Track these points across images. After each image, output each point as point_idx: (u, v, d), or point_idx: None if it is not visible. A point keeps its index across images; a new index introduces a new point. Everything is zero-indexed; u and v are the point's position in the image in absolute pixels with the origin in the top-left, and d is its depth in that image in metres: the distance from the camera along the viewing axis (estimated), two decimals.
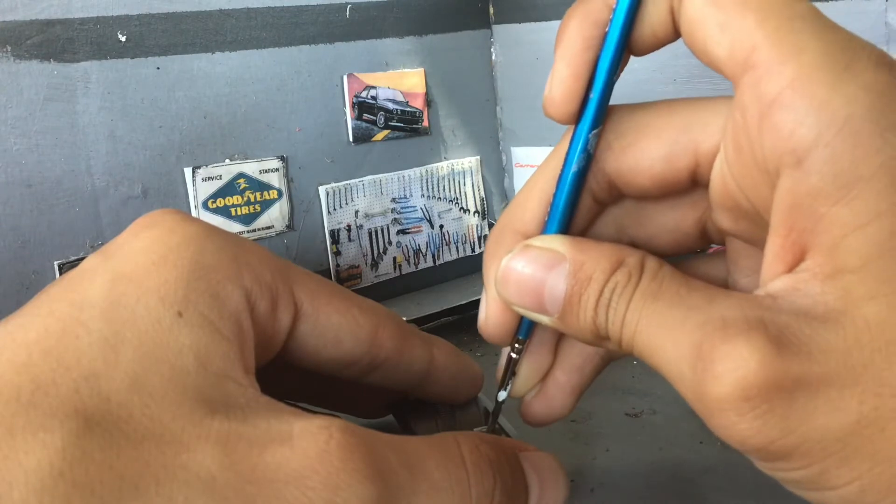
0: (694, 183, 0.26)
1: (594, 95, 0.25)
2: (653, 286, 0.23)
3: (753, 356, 0.20)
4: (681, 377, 0.21)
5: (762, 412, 0.20)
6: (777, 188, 0.21)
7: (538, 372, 0.29)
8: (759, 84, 0.21)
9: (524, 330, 0.28)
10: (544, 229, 0.27)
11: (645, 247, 0.28)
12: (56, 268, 0.42)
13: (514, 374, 0.29)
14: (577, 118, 0.26)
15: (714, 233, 0.27)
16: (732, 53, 0.22)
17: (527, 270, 0.25)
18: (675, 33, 0.24)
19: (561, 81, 0.25)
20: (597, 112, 0.25)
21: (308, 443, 0.21)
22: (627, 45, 0.25)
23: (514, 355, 0.29)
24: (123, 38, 0.43)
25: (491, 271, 0.27)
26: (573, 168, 0.26)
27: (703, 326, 0.21)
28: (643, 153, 0.26)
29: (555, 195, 0.26)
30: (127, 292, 0.22)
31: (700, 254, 0.30)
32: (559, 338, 0.29)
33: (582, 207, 0.27)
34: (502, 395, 0.30)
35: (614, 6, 0.24)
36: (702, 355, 0.20)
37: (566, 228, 0.27)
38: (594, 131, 0.26)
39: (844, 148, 0.20)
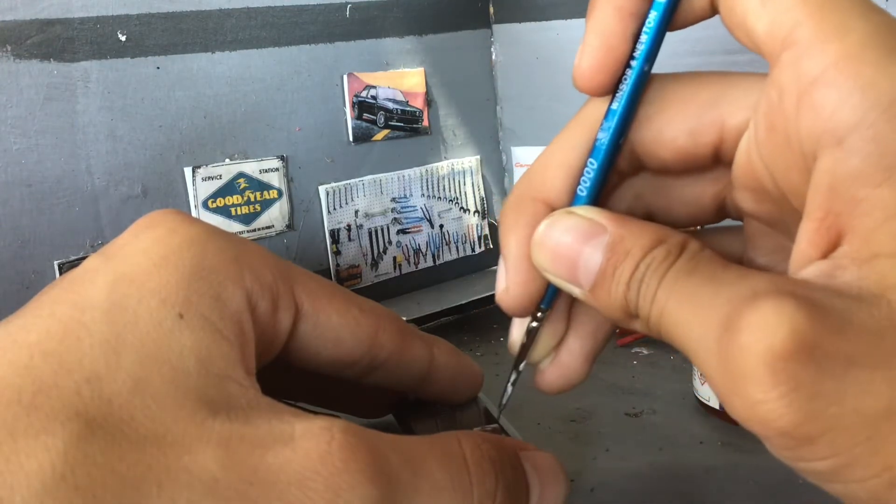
0: (716, 160, 0.25)
1: (636, 65, 0.25)
2: (689, 265, 0.22)
3: (783, 324, 0.18)
4: (706, 354, 0.20)
5: (788, 390, 0.18)
6: (814, 170, 0.20)
7: (553, 339, 0.29)
8: (800, 62, 0.20)
9: (548, 299, 0.27)
10: (573, 200, 0.26)
11: (660, 217, 0.27)
12: (56, 268, 0.42)
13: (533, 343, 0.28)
14: (614, 89, 0.25)
15: (732, 209, 0.27)
16: (772, 29, 0.21)
17: (565, 238, 0.24)
18: (713, 9, 0.24)
19: (592, 52, 0.24)
20: (639, 82, 0.25)
21: (310, 444, 0.21)
22: (672, 16, 0.24)
23: (534, 325, 0.28)
24: (123, 38, 0.43)
25: (510, 240, 0.26)
26: (613, 139, 0.25)
27: (733, 300, 0.20)
28: (667, 125, 0.25)
29: (588, 165, 0.26)
30: (128, 294, 0.22)
31: (717, 227, 0.29)
32: (571, 304, 0.29)
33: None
34: (522, 365, 0.29)
35: None
36: (729, 326, 0.19)
37: (597, 200, 0.26)
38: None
39: (890, 129, 0.19)
